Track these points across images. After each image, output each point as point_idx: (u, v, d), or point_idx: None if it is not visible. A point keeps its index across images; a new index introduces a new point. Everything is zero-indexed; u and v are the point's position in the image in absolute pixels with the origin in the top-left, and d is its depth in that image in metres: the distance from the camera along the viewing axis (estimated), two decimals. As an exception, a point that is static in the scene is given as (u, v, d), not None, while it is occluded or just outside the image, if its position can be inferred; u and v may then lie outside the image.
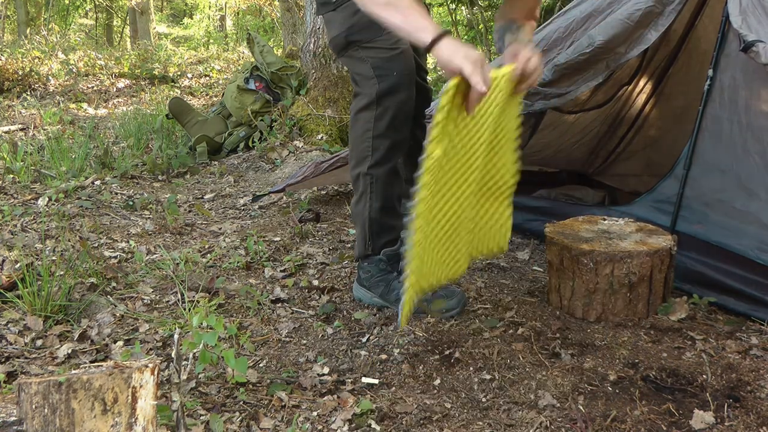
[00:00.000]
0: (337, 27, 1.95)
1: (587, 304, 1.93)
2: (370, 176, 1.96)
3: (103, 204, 3.07)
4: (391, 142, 1.94)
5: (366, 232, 2.01)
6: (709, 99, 2.12)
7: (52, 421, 1.06)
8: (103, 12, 19.09)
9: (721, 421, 1.46)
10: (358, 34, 1.91)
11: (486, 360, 1.73)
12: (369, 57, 1.92)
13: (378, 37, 1.89)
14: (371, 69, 1.91)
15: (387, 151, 1.95)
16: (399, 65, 1.91)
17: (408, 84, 1.93)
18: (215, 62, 8.65)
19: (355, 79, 1.99)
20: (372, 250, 2.02)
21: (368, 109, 1.93)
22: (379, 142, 1.94)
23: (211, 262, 2.43)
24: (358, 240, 2.05)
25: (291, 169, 3.72)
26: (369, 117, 1.93)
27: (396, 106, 1.92)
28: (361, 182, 1.98)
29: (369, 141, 1.95)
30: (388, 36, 1.89)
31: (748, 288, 1.95)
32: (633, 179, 3.30)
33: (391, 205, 2.00)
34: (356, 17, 1.88)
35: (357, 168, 1.99)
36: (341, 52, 1.99)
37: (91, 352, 1.76)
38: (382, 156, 1.95)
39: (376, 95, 1.91)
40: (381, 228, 2.00)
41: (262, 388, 1.60)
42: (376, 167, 1.95)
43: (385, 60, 1.90)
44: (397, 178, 2.01)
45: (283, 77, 4.37)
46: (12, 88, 6.62)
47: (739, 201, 2.04)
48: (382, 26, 1.85)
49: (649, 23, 2.16)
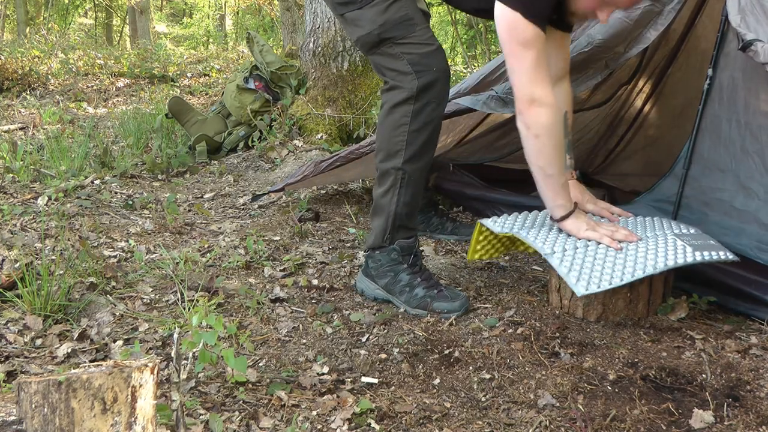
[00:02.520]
0: (367, 25, 1.95)
1: (587, 304, 1.93)
2: (402, 171, 1.97)
3: (102, 203, 3.07)
4: (427, 137, 1.96)
5: (388, 225, 2.01)
6: (709, 98, 2.12)
7: (52, 420, 1.06)
8: (102, 11, 19.09)
9: (720, 421, 1.46)
10: (392, 31, 1.93)
11: (485, 359, 1.73)
12: (405, 53, 1.93)
13: (412, 33, 1.92)
14: (408, 65, 1.92)
15: (421, 146, 1.96)
16: (437, 61, 1.93)
17: (445, 79, 1.95)
18: (215, 61, 8.64)
19: (386, 75, 1.98)
20: (389, 243, 2.03)
21: (406, 104, 1.94)
22: (414, 136, 1.95)
23: (211, 261, 2.43)
24: (375, 231, 2.05)
25: (290, 168, 3.72)
26: (406, 111, 1.94)
27: (436, 101, 1.94)
28: (392, 176, 1.98)
29: (404, 135, 1.95)
30: (422, 31, 1.94)
31: (748, 287, 1.95)
32: (632, 178, 3.30)
33: (417, 202, 2.03)
34: (388, 13, 1.91)
35: (388, 162, 1.99)
36: (372, 50, 1.98)
37: (90, 352, 1.76)
38: (416, 151, 1.96)
39: (416, 90, 1.91)
40: (403, 223, 2.02)
41: (261, 387, 1.60)
42: (409, 162, 1.96)
43: (422, 56, 1.92)
44: (425, 175, 2.03)
45: (282, 76, 4.36)
46: (11, 87, 6.62)
47: (738, 200, 2.04)
48: (414, 22, 1.93)
49: (649, 22, 2.16)
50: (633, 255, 1.84)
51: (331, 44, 4.18)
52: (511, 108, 2.28)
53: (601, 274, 1.78)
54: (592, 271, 1.79)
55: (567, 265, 1.81)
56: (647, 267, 1.80)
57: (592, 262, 1.82)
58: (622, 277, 1.77)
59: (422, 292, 1.99)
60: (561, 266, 1.81)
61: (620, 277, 1.77)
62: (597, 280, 1.77)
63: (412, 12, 1.95)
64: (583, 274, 1.78)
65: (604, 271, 1.79)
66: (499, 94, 2.29)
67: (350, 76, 4.23)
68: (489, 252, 2.18)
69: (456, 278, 2.28)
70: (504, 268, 2.39)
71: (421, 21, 1.96)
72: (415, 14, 1.95)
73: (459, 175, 3.08)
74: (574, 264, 1.81)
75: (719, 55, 2.09)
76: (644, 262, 1.81)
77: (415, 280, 2.01)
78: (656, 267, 1.80)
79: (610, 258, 1.83)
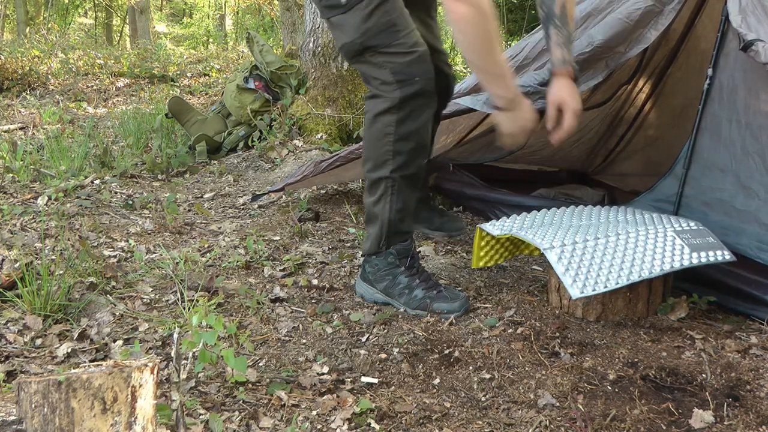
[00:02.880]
0: (350, 32, 1.91)
1: (587, 304, 1.93)
2: (391, 179, 1.95)
3: (102, 203, 3.07)
4: (415, 144, 1.93)
5: (382, 232, 2.00)
6: (709, 98, 2.12)
7: (52, 420, 1.06)
8: (102, 11, 19.10)
9: (720, 420, 1.46)
10: (374, 39, 1.88)
11: (485, 359, 1.73)
12: (387, 62, 1.88)
13: (396, 41, 1.87)
14: (391, 74, 1.88)
15: (409, 153, 1.93)
16: (420, 69, 1.89)
17: (430, 87, 1.91)
18: (214, 61, 8.64)
19: (371, 83, 1.95)
20: (386, 248, 2.03)
21: (389, 113, 1.90)
22: (401, 145, 1.92)
23: (211, 261, 2.43)
24: (371, 238, 2.04)
25: (290, 168, 3.72)
26: (390, 121, 1.90)
27: (419, 110, 1.90)
28: (382, 185, 1.96)
29: (390, 145, 1.92)
30: (405, 38, 1.88)
31: (748, 287, 1.95)
32: (632, 178, 3.30)
33: (410, 206, 2.01)
34: (371, 21, 1.86)
35: (376, 171, 1.96)
36: (355, 58, 1.94)
37: (90, 352, 1.76)
38: (404, 160, 1.93)
39: (398, 100, 1.88)
40: (398, 229, 2.01)
41: (261, 387, 1.60)
42: (398, 171, 1.94)
43: (405, 65, 1.87)
44: (416, 181, 2.00)
45: (282, 76, 4.36)
46: (11, 87, 6.62)
47: (739, 200, 2.04)
48: (398, 29, 1.88)
49: (649, 22, 2.15)
50: (631, 256, 1.84)
51: (331, 44, 4.18)
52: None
53: (597, 276, 1.78)
54: (589, 272, 1.79)
55: (564, 263, 1.81)
56: (643, 270, 1.79)
57: (590, 261, 1.82)
58: (618, 279, 1.77)
59: (421, 293, 1.99)
60: (558, 264, 1.81)
61: (616, 279, 1.77)
62: (593, 282, 1.76)
63: (396, 16, 1.89)
64: (579, 275, 1.78)
65: (600, 272, 1.79)
66: (499, 94, 2.28)
67: (350, 76, 4.23)
68: (494, 258, 2.18)
69: (456, 278, 2.28)
70: (504, 268, 2.39)
71: (404, 26, 1.90)
72: (398, 18, 1.90)
73: (459, 175, 3.08)
74: (572, 263, 1.81)
75: (719, 55, 2.09)
76: (641, 264, 1.81)
77: (414, 281, 2.01)
78: (652, 272, 1.79)
79: (608, 258, 1.83)
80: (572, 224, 2.04)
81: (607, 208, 2.22)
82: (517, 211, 2.24)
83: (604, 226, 1.98)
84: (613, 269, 1.80)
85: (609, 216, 2.12)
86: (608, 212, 2.16)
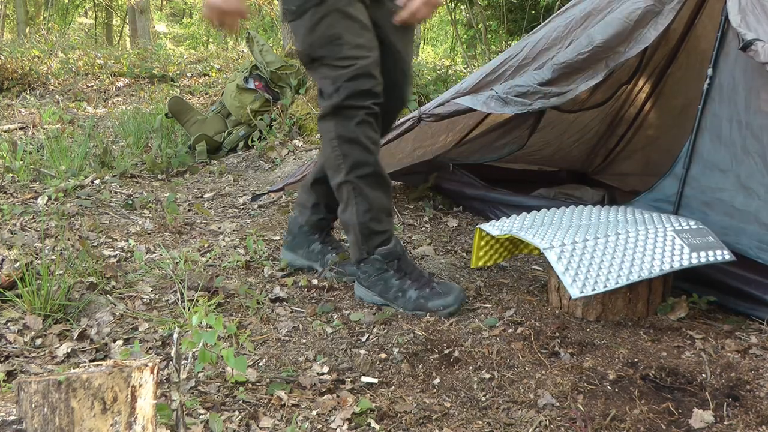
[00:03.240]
0: (300, 41, 1.98)
1: (587, 304, 1.93)
2: (349, 183, 1.98)
3: (102, 203, 3.07)
4: (363, 145, 1.95)
5: (358, 237, 2.02)
6: (709, 98, 2.13)
7: (52, 420, 1.06)
8: (102, 11, 19.09)
9: (720, 420, 1.46)
10: (318, 51, 1.93)
11: (485, 359, 1.73)
12: (330, 75, 1.93)
13: (339, 55, 1.91)
14: (332, 85, 1.93)
15: (360, 153, 1.96)
16: (361, 82, 1.91)
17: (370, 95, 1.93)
18: (214, 61, 8.63)
19: (319, 90, 2.01)
20: (367, 253, 2.03)
21: (326, 121, 1.96)
22: (348, 148, 1.95)
23: (211, 261, 2.43)
24: (351, 246, 2.07)
25: (290, 168, 3.72)
26: (329, 128, 1.96)
27: (357, 117, 1.93)
28: (344, 190, 2.00)
29: (338, 149, 1.96)
30: (349, 50, 1.91)
31: (748, 287, 1.95)
32: (632, 178, 3.30)
33: (378, 205, 2.00)
34: (316, 33, 1.91)
35: (335, 177, 2.01)
36: (307, 66, 2.02)
37: (90, 351, 1.76)
38: (356, 160, 1.96)
39: (333, 108, 1.93)
40: (371, 231, 2.01)
41: (261, 387, 1.59)
42: (353, 173, 1.96)
43: (345, 79, 1.91)
44: (379, 179, 2.00)
45: (282, 76, 4.36)
46: (11, 87, 6.62)
47: (739, 200, 2.04)
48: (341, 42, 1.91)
49: (649, 22, 2.16)
50: (630, 256, 1.84)
51: (331, 44, 4.17)
52: (511, 108, 2.28)
53: (597, 276, 1.78)
54: (588, 272, 1.79)
55: (564, 263, 1.81)
56: (643, 270, 1.79)
57: (590, 261, 1.82)
58: (618, 279, 1.77)
59: (415, 294, 1.99)
60: (558, 264, 1.81)
61: (616, 279, 1.77)
62: (592, 282, 1.77)
63: (343, 28, 1.90)
64: (579, 275, 1.78)
65: (600, 272, 1.79)
66: (499, 94, 2.29)
67: (350, 76, 4.22)
68: (493, 258, 2.19)
69: (456, 278, 2.28)
70: (504, 268, 2.39)
71: (351, 38, 1.91)
72: (345, 30, 1.90)
73: (459, 174, 3.09)
74: (571, 263, 1.81)
75: (719, 54, 2.09)
76: (641, 264, 1.81)
77: (405, 283, 2.01)
78: (652, 272, 1.80)
79: (608, 258, 1.83)
80: (572, 224, 2.04)
81: (607, 207, 2.22)
82: (517, 211, 2.25)
83: (604, 226, 1.99)
84: (612, 269, 1.80)
85: (609, 216, 2.12)
86: (608, 212, 2.16)
